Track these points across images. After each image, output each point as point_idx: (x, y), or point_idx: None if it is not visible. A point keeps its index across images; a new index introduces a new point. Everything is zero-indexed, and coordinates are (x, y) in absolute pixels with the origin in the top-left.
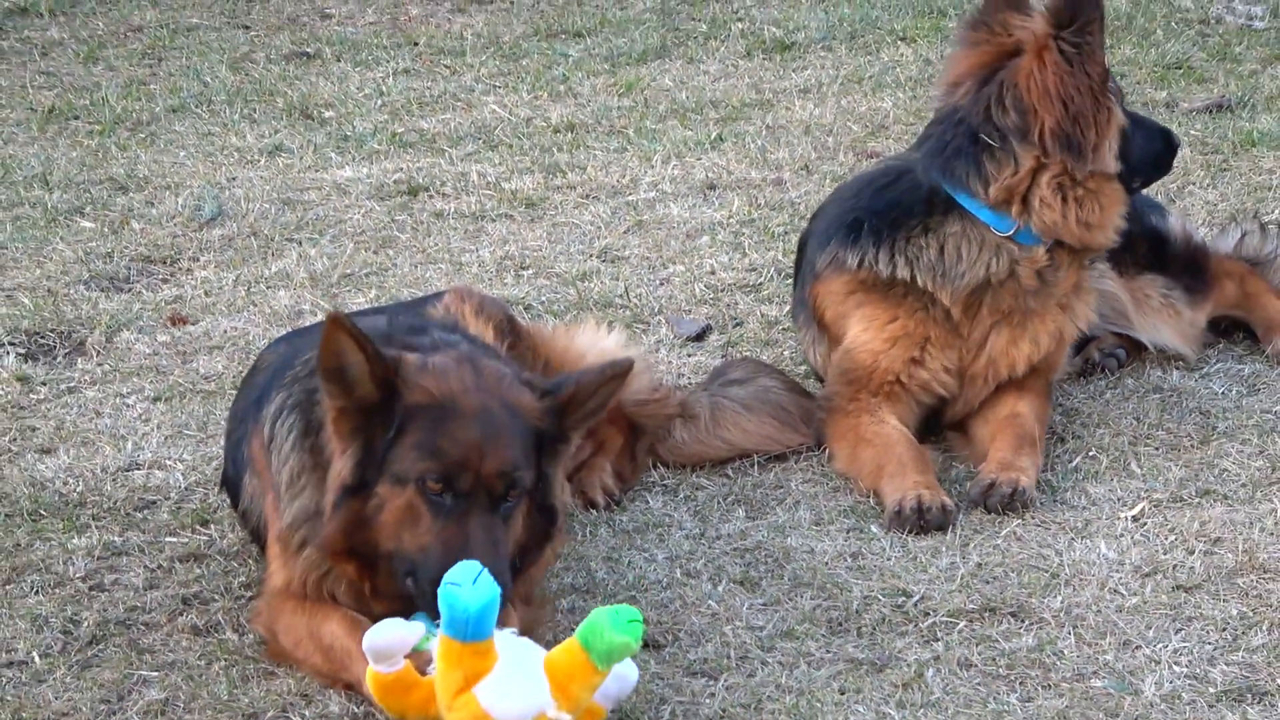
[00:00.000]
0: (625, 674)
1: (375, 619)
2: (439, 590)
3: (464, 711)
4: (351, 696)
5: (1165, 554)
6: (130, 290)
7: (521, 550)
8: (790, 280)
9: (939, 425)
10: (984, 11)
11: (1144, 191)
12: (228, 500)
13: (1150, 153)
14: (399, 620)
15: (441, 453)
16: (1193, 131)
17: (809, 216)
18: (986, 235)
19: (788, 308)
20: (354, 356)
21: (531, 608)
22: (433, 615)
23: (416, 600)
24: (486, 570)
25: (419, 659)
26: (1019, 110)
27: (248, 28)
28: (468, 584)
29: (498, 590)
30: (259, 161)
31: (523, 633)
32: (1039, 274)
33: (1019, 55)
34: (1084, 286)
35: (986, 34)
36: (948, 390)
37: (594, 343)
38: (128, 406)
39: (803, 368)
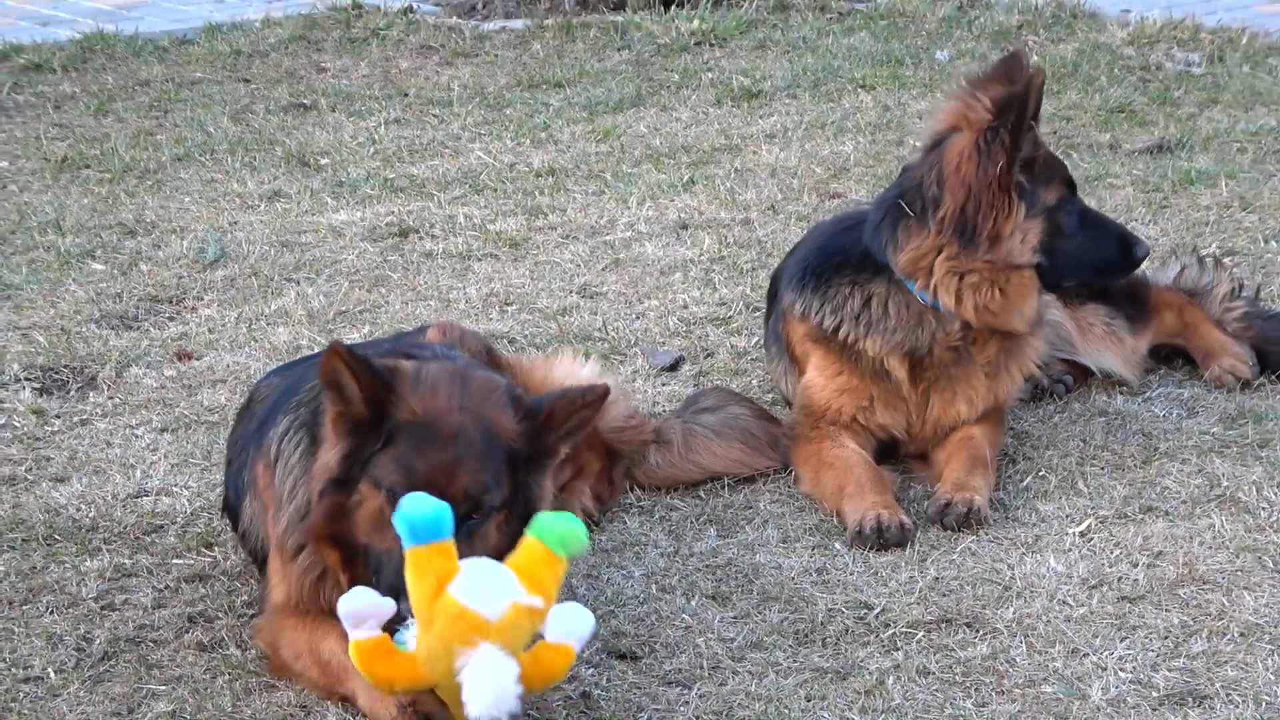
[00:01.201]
0: (584, 613)
1: None
2: (394, 518)
3: (445, 614)
4: (348, 708)
5: (1111, 567)
6: (139, 328)
7: (499, 558)
8: (758, 313)
9: (897, 452)
10: (980, 75)
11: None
12: (229, 525)
13: (1093, 256)
14: (371, 589)
15: (412, 471)
16: (1135, 171)
17: (776, 253)
18: (910, 300)
19: (756, 339)
20: (348, 379)
21: None
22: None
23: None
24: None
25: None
26: (940, 185)
27: (248, 81)
28: (417, 500)
29: (446, 504)
30: (259, 206)
31: None
32: (954, 349)
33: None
34: (1019, 349)
35: (966, 98)
36: (901, 435)
37: (571, 373)
38: (136, 437)
39: (770, 395)
